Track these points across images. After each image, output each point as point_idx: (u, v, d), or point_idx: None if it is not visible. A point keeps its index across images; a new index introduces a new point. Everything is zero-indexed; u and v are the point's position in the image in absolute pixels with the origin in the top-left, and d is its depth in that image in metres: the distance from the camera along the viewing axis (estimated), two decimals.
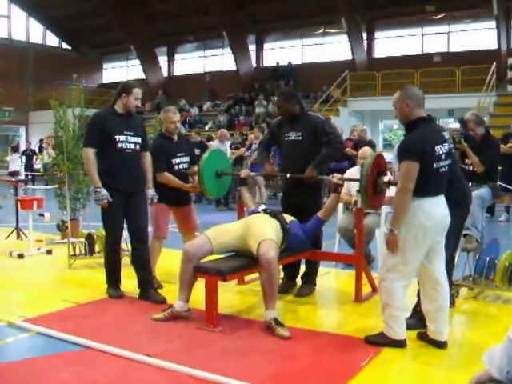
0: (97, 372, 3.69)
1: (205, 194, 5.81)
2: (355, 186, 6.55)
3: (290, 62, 25.92)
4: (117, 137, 5.22)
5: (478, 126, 6.02)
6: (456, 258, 5.30)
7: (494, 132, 11.24)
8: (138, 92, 5.31)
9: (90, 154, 5.20)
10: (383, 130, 25.47)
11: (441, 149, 3.96)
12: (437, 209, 3.98)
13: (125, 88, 5.30)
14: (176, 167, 5.82)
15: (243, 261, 4.71)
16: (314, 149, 5.44)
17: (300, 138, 5.52)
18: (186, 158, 5.92)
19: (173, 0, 25.54)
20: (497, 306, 5.31)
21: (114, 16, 27.70)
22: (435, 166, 3.92)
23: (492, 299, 5.46)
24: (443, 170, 3.99)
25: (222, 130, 15.07)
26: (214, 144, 13.74)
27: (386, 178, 4.81)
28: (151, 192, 5.47)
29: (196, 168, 5.73)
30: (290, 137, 5.58)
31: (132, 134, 5.32)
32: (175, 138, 5.90)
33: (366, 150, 6.73)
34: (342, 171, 8.11)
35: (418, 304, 4.43)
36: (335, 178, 5.34)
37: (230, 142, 14.84)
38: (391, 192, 5.18)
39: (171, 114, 5.82)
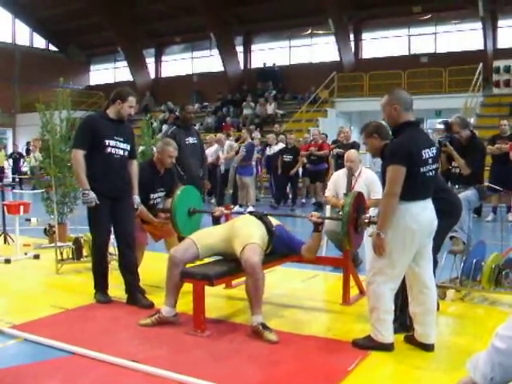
0: (86, 379, 3.67)
1: (176, 232, 5.62)
2: (342, 189, 6.60)
3: (274, 64, 25.94)
4: (107, 141, 5.20)
5: (463, 129, 6.07)
6: (443, 261, 5.34)
7: (480, 132, 11.37)
8: (132, 100, 5.29)
9: (79, 155, 5.16)
10: None
11: (428, 153, 3.97)
12: (424, 212, 3.99)
13: (120, 95, 5.26)
14: (151, 201, 5.84)
15: (230, 265, 4.69)
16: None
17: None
18: (163, 194, 5.93)
19: (160, 0, 25.44)
20: (484, 307, 5.34)
21: (101, 17, 27.58)
22: (422, 170, 3.93)
23: (479, 301, 5.50)
24: (430, 174, 4.00)
25: (219, 134, 15.74)
26: (212, 149, 14.21)
27: (366, 218, 4.79)
28: (137, 198, 5.45)
29: (169, 203, 5.63)
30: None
31: (122, 140, 5.30)
32: (162, 171, 5.88)
33: (351, 154, 6.75)
34: (320, 173, 8.25)
35: (397, 308, 4.44)
36: (314, 216, 5.02)
37: (228, 142, 14.98)
38: (378, 195, 5.21)
39: (172, 148, 5.79)
